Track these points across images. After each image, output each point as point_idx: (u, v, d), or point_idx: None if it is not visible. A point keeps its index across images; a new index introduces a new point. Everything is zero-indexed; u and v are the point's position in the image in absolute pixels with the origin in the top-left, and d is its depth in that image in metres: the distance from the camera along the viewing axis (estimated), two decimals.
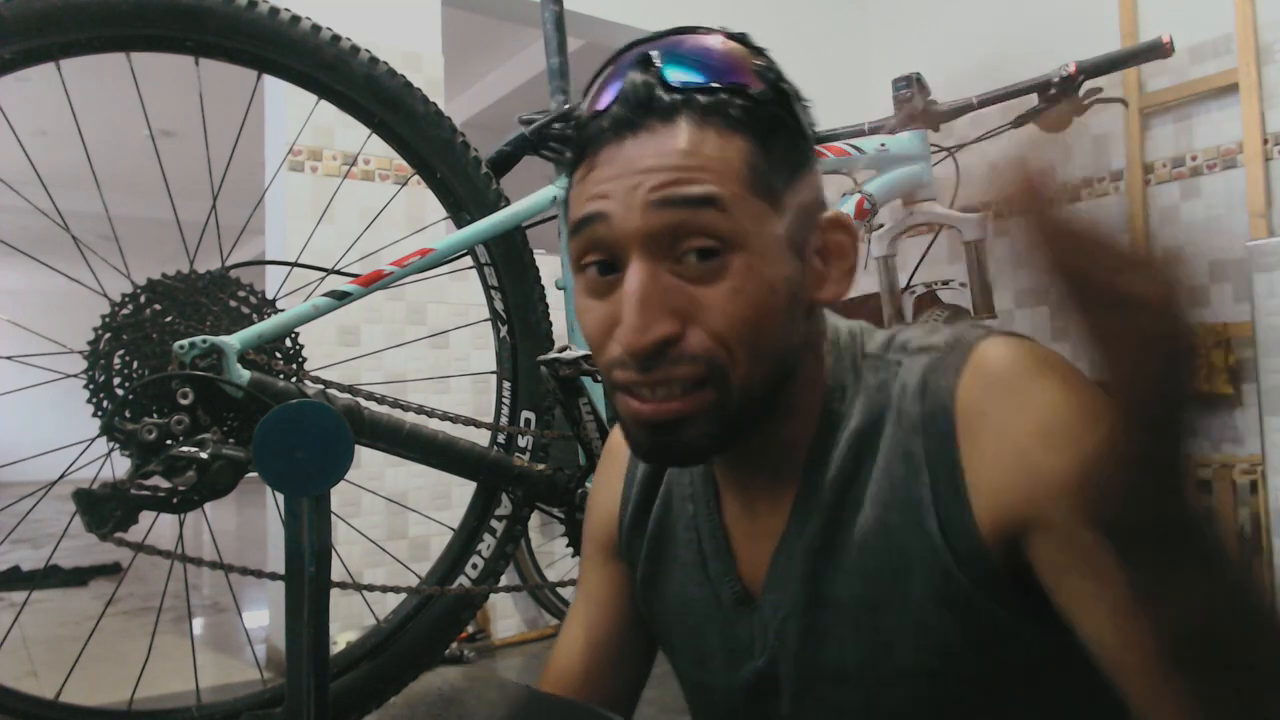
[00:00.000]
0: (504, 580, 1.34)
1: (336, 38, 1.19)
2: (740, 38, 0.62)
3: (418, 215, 2.67)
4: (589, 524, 0.83)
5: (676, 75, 0.58)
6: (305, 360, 1.20)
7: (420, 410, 1.24)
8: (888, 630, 0.59)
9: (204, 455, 1.01)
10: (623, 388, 0.59)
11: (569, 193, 0.63)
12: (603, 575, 0.81)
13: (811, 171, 0.63)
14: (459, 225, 1.31)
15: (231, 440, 1.06)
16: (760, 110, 0.59)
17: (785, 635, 0.64)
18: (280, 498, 0.93)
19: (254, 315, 1.15)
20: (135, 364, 1.08)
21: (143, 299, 1.09)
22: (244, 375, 1.08)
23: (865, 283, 3.44)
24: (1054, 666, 0.57)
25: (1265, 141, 2.57)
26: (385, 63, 1.24)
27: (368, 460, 2.46)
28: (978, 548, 0.56)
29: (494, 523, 1.30)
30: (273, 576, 1.16)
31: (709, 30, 0.62)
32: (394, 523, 2.62)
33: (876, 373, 0.64)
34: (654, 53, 0.59)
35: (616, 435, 0.83)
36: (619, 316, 0.57)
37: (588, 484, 1.31)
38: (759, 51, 0.62)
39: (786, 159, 0.60)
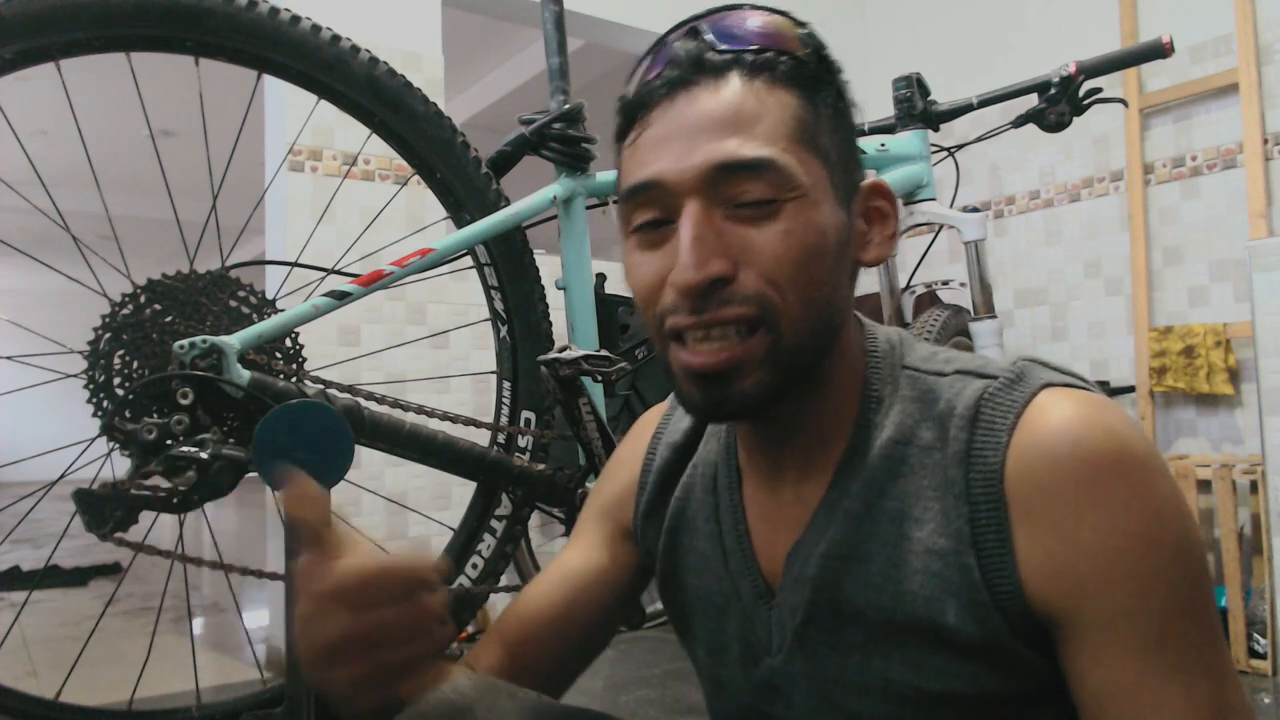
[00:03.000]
0: (504, 580, 1.34)
1: (336, 38, 1.19)
2: (782, 13, 0.63)
3: (418, 215, 2.67)
4: (598, 489, 0.82)
5: (724, 41, 0.60)
6: (305, 360, 1.20)
7: (420, 410, 1.24)
8: (916, 651, 0.58)
9: (204, 455, 1.01)
10: (675, 336, 0.60)
11: (619, 156, 0.64)
12: (596, 537, 0.80)
13: (855, 136, 0.64)
14: (459, 225, 1.31)
15: (231, 440, 1.06)
16: (805, 69, 0.61)
17: (804, 639, 0.63)
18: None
19: (254, 315, 1.15)
20: (135, 364, 1.08)
21: (143, 299, 1.09)
22: (244, 375, 1.08)
23: (865, 282, 3.44)
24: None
25: (1265, 141, 2.57)
26: (385, 63, 1.23)
27: (368, 460, 2.46)
28: (1021, 602, 0.55)
29: (494, 523, 1.30)
30: (273, 576, 1.16)
31: (752, 6, 0.63)
32: (394, 523, 2.62)
33: (915, 385, 0.63)
34: (701, 25, 0.62)
35: (647, 415, 0.83)
36: (671, 265, 0.58)
37: (588, 484, 1.31)
38: (802, 24, 0.64)
39: (833, 119, 0.62)
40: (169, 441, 1.02)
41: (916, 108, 1.68)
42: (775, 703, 0.66)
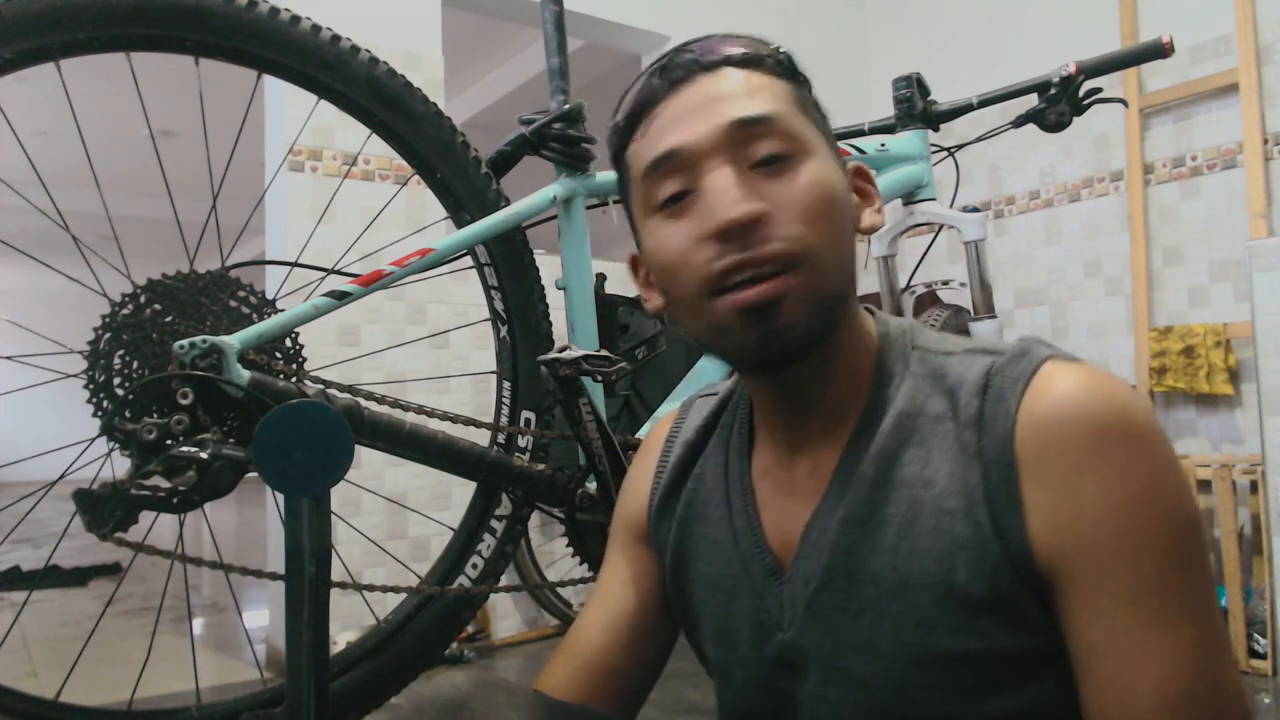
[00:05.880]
0: (504, 580, 1.34)
1: (336, 38, 1.19)
2: (755, 37, 0.70)
3: (418, 215, 2.67)
4: (620, 508, 0.85)
5: (710, 55, 0.67)
6: (305, 360, 1.20)
7: (420, 410, 1.24)
8: (927, 609, 0.60)
9: (204, 455, 1.01)
10: (721, 281, 0.62)
11: (626, 154, 0.70)
12: (629, 557, 0.82)
13: (830, 130, 0.70)
14: (459, 225, 1.31)
15: (231, 440, 1.06)
16: (785, 66, 0.68)
17: (817, 607, 0.65)
18: (280, 498, 0.93)
19: (254, 315, 1.15)
20: (135, 364, 1.08)
21: (143, 299, 1.09)
22: (244, 375, 1.08)
23: (865, 283, 3.44)
24: None
25: (1265, 141, 2.57)
26: (385, 63, 1.23)
27: (368, 460, 2.46)
28: (1029, 557, 0.58)
29: (494, 523, 1.30)
30: (273, 576, 1.16)
31: (724, 35, 0.70)
32: (394, 523, 2.62)
33: (925, 363, 0.67)
34: (688, 46, 0.68)
35: (656, 429, 0.86)
36: (703, 225, 0.62)
37: (588, 484, 1.31)
38: (773, 44, 0.70)
39: (815, 105, 0.69)
40: (169, 441, 1.02)
41: (916, 108, 1.68)
42: (787, 679, 0.68)
